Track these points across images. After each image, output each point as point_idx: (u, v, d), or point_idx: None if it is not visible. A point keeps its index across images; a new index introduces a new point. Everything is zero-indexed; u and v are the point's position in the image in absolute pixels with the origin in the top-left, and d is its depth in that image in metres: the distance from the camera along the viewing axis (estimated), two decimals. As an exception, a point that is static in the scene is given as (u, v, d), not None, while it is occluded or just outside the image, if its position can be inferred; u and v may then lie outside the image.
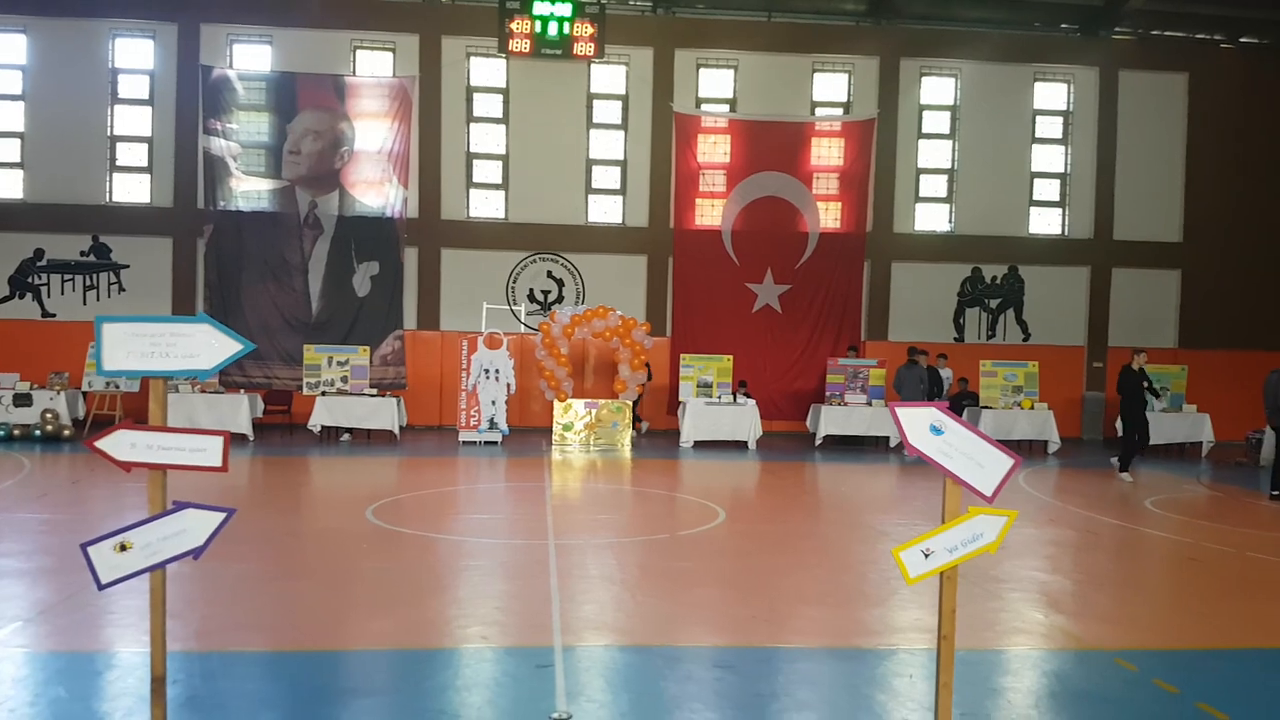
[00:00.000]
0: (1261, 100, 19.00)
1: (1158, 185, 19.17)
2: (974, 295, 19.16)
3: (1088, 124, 19.12)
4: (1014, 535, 8.56)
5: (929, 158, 19.16)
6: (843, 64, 18.91)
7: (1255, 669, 5.08)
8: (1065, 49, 19.09)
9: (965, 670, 4.73)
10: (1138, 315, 19.18)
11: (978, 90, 19.00)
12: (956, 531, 3.12)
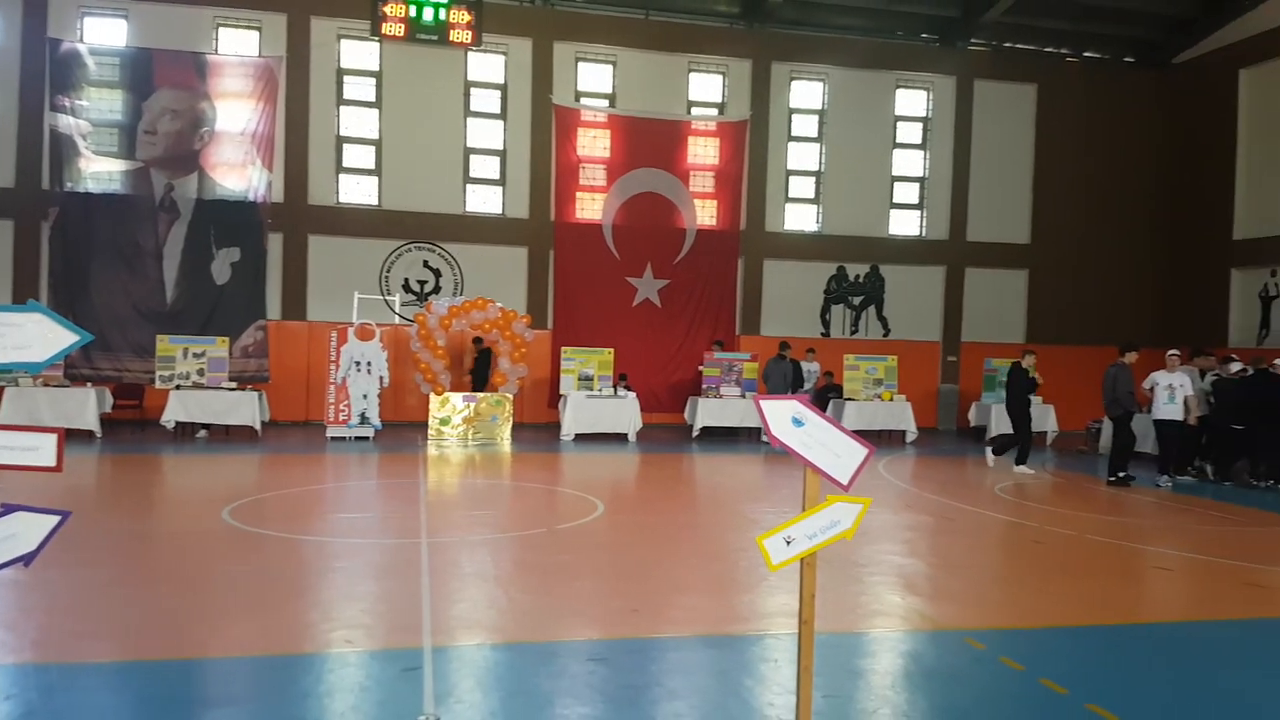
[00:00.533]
0: (1103, 111, 20.41)
1: (1008, 189, 20.33)
2: (839, 292, 19.88)
3: (945, 130, 20.09)
4: (873, 521, 8.95)
5: (798, 160, 19.74)
6: (717, 65, 19.25)
7: (1094, 645, 5.43)
8: (925, 58, 19.99)
9: (828, 653, 4.92)
10: (989, 312, 20.32)
11: (844, 95, 19.68)
12: (816, 519, 3.24)
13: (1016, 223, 20.53)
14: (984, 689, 4.62)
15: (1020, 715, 4.31)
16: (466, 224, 18.30)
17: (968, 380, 19.69)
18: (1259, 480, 12.28)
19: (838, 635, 5.31)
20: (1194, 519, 9.94)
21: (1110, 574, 7.34)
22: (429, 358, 15.19)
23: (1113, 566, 7.61)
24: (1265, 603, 6.57)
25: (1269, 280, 18.24)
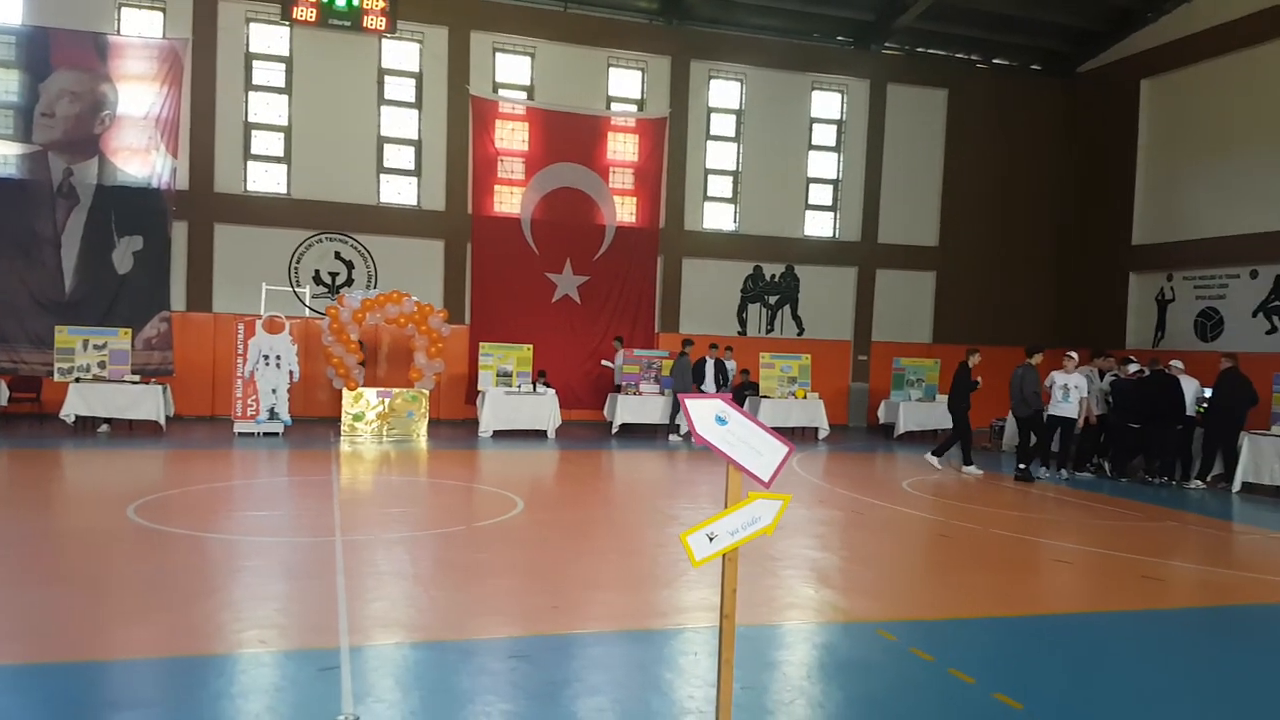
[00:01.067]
0: (1011, 118, 21.14)
1: (918, 193, 20.91)
2: (755, 291, 20.18)
3: (858, 133, 20.54)
4: (788, 516, 9.11)
5: (716, 159, 19.94)
6: (636, 61, 19.31)
7: (1000, 636, 5.67)
8: (840, 60, 20.39)
9: (745, 645, 5.00)
10: (898, 313, 20.89)
11: (761, 96, 19.95)
12: (737, 515, 3.30)
13: (925, 225, 21.14)
14: (896, 679, 4.77)
15: (930, 704, 4.45)
16: (380, 215, 17.95)
17: (877, 379, 20.21)
18: (1154, 477, 12.87)
19: (754, 628, 5.41)
20: (1093, 514, 10.40)
21: (1014, 567, 7.64)
22: (341, 352, 14.86)
23: (1016, 560, 7.93)
24: (1160, 595, 6.91)
25: (1165, 285, 19.19)
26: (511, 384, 16.15)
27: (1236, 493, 12.07)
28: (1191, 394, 12.77)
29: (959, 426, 13.51)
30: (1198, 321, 18.28)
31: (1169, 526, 9.82)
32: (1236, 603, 6.72)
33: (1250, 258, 16.74)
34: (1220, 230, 17.61)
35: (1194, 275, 18.39)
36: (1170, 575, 7.58)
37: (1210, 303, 18.05)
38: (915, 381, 18.42)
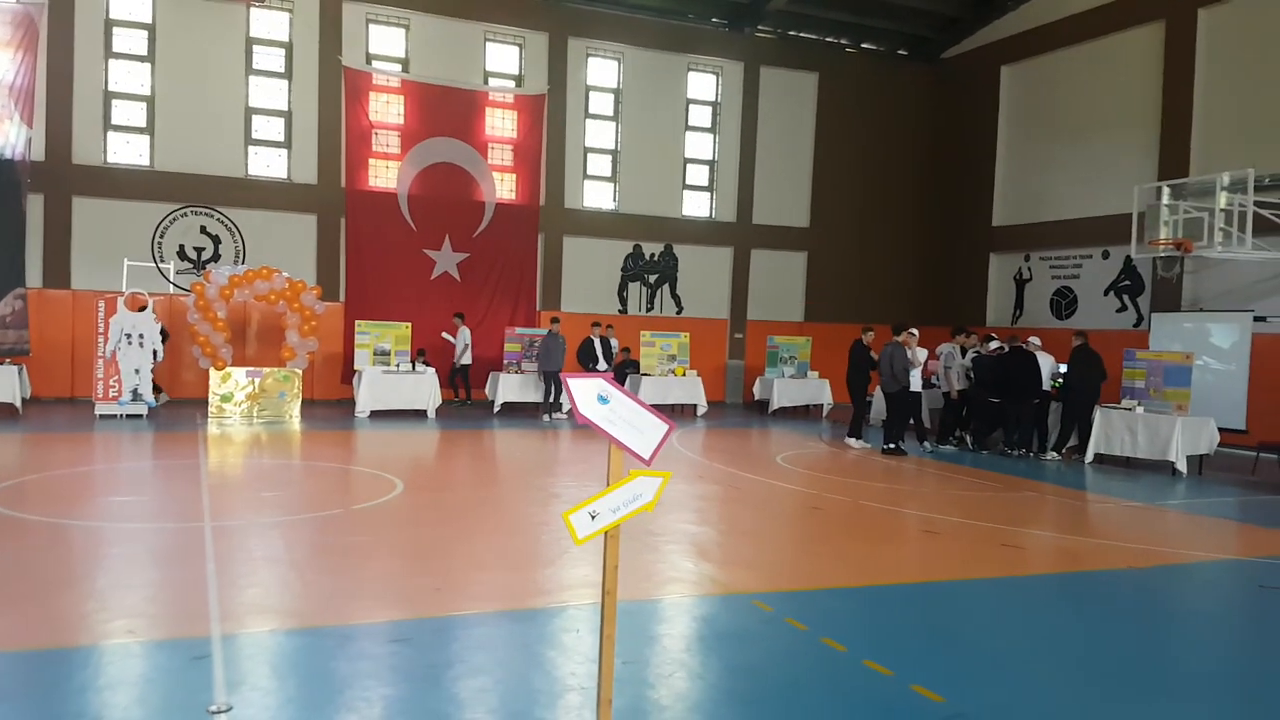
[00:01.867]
0: (878, 102, 21.83)
1: (790, 175, 21.41)
2: (635, 270, 20.32)
3: (733, 115, 20.84)
4: (668, 491, 9.24)
5: (596, 137, 19.90)
6: (513, 36, 19.03)
7: (870, 604, 5.92)
8: (715, 42, 20.61)
9: (627, 620, 5.07)
10: (772, 292, 21.39)
11: (639, 75, 19.99)
12: (619, 493, 3.34)
13: (797, 207, 21.68)
14: (771, 649, 4.93)
15: (804, 673, 4.62)
16: (249, 188, 17.16)
17: (753, 356, 20.69)
18: (1013, 449, 13.58)
19: (636, 603, 5.51)
20: (956, 485, 10.96)
21: (883, 537, 8.00)
22: (208, 330, 14.19)
23: (885, 530, 8.29)
24: (1019, 563, 7.32)
25: (1023, 265, 20.29)
26: (389, 363, 15.79)
27: (1089, 463, 12.89)
28: (1047, 369, 13.55)
29: (855, 403, 13.99)
30: (1053, 300, 19.44)
31: (1027, 496, 10.44)
32: (1089, 568, 7.17)
33: (1102, 239, 17.85)
34: (1075, 213, 18.71)
35: (1050, 256, 19.53)
36: (1028, 543, 8.05)
37: (1065, 282, 19.21)
38: (788, 359, 18.96)
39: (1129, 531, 8.74)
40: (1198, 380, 12.82)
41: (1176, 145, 16.46)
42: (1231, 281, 15.55)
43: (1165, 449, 12.00)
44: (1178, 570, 7.19)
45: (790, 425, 16.87)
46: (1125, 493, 10.74)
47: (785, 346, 19.04)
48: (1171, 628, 5.79)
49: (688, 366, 18.06)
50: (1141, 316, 17.18)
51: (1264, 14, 15.30)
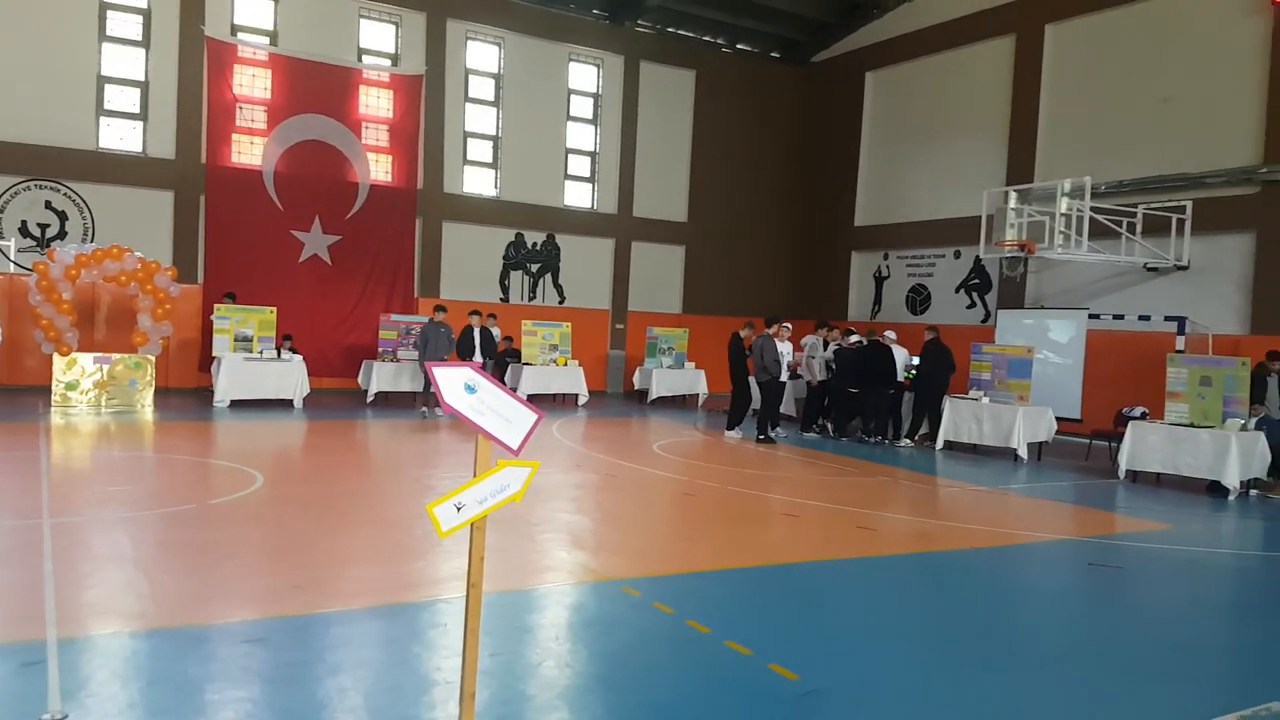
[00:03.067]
0: (752, 101, 22.36)
1: (669, 169, 21.69)
2: (518, 259, 20.16)
3: (614, 107, 20.94)
4: (546, 481, 9.29)
5: (476, 122, 19.61)
6: (389, 14, 18.54)
7: (734, 586, 6.09)
8: (596, 34, 20.62)
9: (498, 612, 5.08)
10: (651, 284, 21.65)
11: (520, 62, 19.82)
12: (486, 484, 3.31)
13: (676, 201, 21.97)
14: (638, 633, 5.01)
15: (668, 655, 4.72)
16: (100, 162, 16.13)
17: (633, 346, 20.87)
18: (870, 436, 14.24)
19: (508, 594, 5.50)
20: (818, 471, 11.39)
21: (749, 521, 8.23)
22: (52, 313, 13.28)
23: (751, 514, 8.53)
24: (873, 543, 7.67)
25: (882, 263, 21.17)
26: (252, 349, 15.14)
27: (940, 450, 13.62)
28: (902, 362, 14.25)
29: (739, 393, 14.26)
30: (909, 296, 20.37)
31: (882, 481, 10.94)
32: (938, 549, 7.59)
33: (954, 240, 18.82)
34: (930, 214, 19.65)
35: (906, 255, 20.45)
36: (882, 525, 8.45)
37: (920, 279, 20.16)
38: (667, 349, 19.24)
39: (975, 514, 9.28)
40: (1038, 373, 13.69)
41: (1023, 152, 17.51)
42: (1070, 281, 16.68)
43: (1008, 437, 12.79)
44: (1018, 550, 7.68)
45: (668, 414, 17.12)
46: (972, 477, 11.38)
47: (664, 338, 19.29)
48: (1012, 604, 6.16)
49: (569, 356, 18.06)
50: (989, 313, 18.21)
51: (1104, 32, 16.41)
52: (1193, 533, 8.64)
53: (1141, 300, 15.48)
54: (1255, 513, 9.82)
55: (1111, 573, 7.03)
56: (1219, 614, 6.22)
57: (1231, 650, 5.36)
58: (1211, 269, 14.78)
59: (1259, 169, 14.08)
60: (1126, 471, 11.36)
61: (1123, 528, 8.94)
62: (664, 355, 19.20)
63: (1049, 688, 4.55)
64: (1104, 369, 15.14)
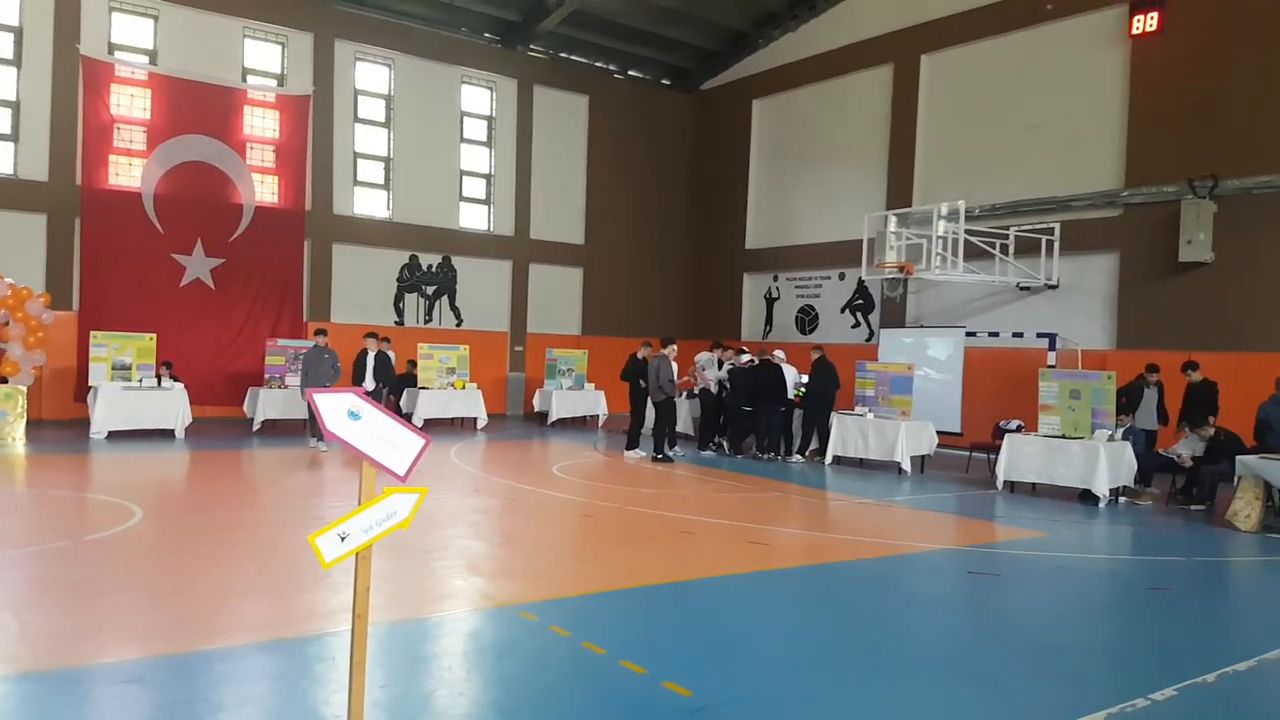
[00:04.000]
0: (645, 127, 22.77)
1: (565, 192, 21.85)
2: (412, 281, 19.90)
3: (508, 130, 20.97)
4: (443, 506, 9.20)
5: (366, 143, 19.36)
6: (275, 34, 18.18)
7: (630, 606, 6.15)
8: (488, 58, 20.66)
9: (390, 643, 5.03)
10: (550, 306, 21.69)
11: (411, 84, 19.69)
12: (372, 512, 3.28)
13: (573, 224, 22.12)
14: (534, 658, 5.01)
15: (563, 678, 4.73)
16: (-37, 184, 15.27)
17: (533, 368, 20.83)
18: (763, 453, 14.57)
19: (401, 624, 5.43)
20: (714, 488, 11.59)
21: (646, 540, 8.30)
22: (-94, 344, 12.48)
23: (648, 533, 8.60)
24: (766, 558, 7.85)
25: (772, 284, 21.73)
26: (131, 378, 14.52)
27: (829, 465, 14.04)
28: (791, 380, 14.67)
29: (637, 415, 14.36)
30: (798, 317, 20.97)
31: (774, 496, 11.21)
32: (827, 561, 7.83)
33: (839, 262, 19.46)
34: (816, 238, 20.31)
35: (795, 276, 21.06)
36: (774, 540, 8.66)
37: (808, 300, 20.78)
38: (566, 371, 19.27)
39: (862, 525, 9.62)
40: (919, 389, 14.32)
41: (902, 177, 18.31)
42: (948, 300, 17.48)
43: (892, 450, 13.30)
44: (903, 559, 7.99)
45: (568, 436, 17.13)
46: (859, 490, 11.79)
47: (563, 359, 19.33)
48: (896, 612, 6.41)
49: (468, 379, 17.89)
50: (872, 332, 18.91)
51: (976, 62, 17.34)
52: (1065, 539, 9.14)
53: (1015, 318, 16.32)
54: (1123, 519, 10.42)
55: (990, 579, 7.38)
56: (1089, 616, 6.55)
57: (1100, 650, 5.66)
58: (1079, 287, 15.70)
59: (1121, 192, 15.08)
60: (1004, 482, 11.94)
61: (1001, 536, 9.39)
62: (564, 377, 19.23)
63: (930, 692, 4.73)
64: (981, 384, 15.89)
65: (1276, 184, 13.22)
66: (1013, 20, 16.57)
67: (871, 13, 19.16)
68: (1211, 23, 14.07)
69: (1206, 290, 13.91)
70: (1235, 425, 11.22)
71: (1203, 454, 11.04)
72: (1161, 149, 14.48)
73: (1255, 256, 13.45)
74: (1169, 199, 14.30)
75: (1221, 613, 6.84)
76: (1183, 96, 14.27)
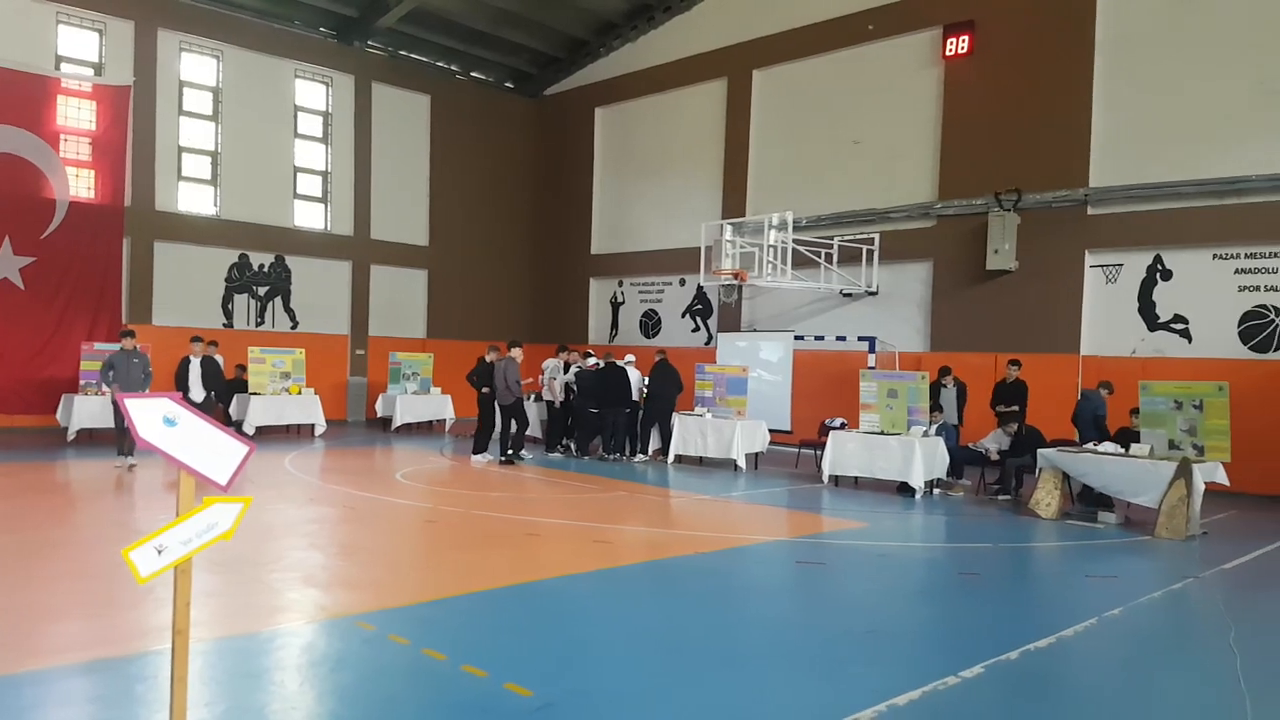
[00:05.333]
0: (488, 130, 22.67)
1: (408, 192, 21.47)
2: (242, 282, 19.04)
3: (346, 127, 20.41)
4: (277, 517, 8.92)
5: (193, 137, 18.41)
6: (92, 21, 17.02)
7: (473, 610, 6.14)
8: (324, 52, 20.06)
9: (219, 659, 4.89)
10: (394, 308, 21.24)
11: (241, 77, 18.88)
12: (191, 523, 3.16)
13: (416, 225, 21.73)
14: (371, 668, 4.94)
15: (403, 687, 4.68)
16: None
17: (375, 373, 20.33)
18: (609, 454, 14.81)
19: (231, 639, 5.27)
20: (560, 490, 11.71)
21: (490, 544, 8.31)
22: None
23: (493, 537, 8.61)
24: (609, 556, 8.02)
25: (617, 289, 22.05)
26: (-79, 389, 13.25)
27: (671, 464, 14.45)
28: (636, 383, 14.99)
29: (485, 419, 14.23)
30: (642, 321, 21.41)
31: (620, 496, 11.44)
32: (667, 556, 8.07)
33: (679, 268, 19.97)
34: (657, 244, 20.79)
35: (639, 281, 21.48)
36: (618, 538, 8.86)
37: (651, 305, 21.25)
38: (411, 375, 18.92)
39: (701, 521, 10.00)
40: (753, 389, 14.98)
41: (736, 188, 19.03)
42: (779, 306, 18.30)
43: (729, 449, 13.85)
44: (738, 552, 8.36)
45: (413, 442, 16.83)
46: (698, 488, 12.22)
47: (408, 363, 18.96)
48: (731, 603, 6.69)
49: (304, 384, 17.26)
50: (711, 335, 19.56)
51: (804, 78, 18.19)
52: (885, 529, 9.78)
53: (839, 322, 17.25)
54: (937, 509, 11.21)
55: (816, 569, 7.83)
56: (905, 601, 7.03)
57: (915, 633, 6.10)
58: (896, 294, 16.76)
59: (934, 204, 16.19)
60: (829, 476, 12.63)
61: (827, 527, 9.95)
62: (408, 381, 18.86)
63: (760, 679, 4.97)
64: (809, 385, 16.73)
65: (1073, 198, 14.52)
66: (838, 39, 17.48)
67: (707, 28, 19.76)
68: (1017, 47, 15.25)
69: (1010, 296, 15.13)
70: (1036, 421, 12.30)
71: (1008, 448, 12.03)
72: (971, 164, 15.63)
73: (1053, 265, 14.73)
74: (977, 211, 15.49)
75: (1024, 595, 7.48)
76: (990, 115, 15.44)
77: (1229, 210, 13.13)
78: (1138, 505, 9.90)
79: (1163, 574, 7.98)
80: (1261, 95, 12.84)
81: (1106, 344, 14.27)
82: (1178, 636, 6.35)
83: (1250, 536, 9.73)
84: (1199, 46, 13.42)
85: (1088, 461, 10.33)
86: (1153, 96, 13.82)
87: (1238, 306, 13.11)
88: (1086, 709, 4.78)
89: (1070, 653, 5.65)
